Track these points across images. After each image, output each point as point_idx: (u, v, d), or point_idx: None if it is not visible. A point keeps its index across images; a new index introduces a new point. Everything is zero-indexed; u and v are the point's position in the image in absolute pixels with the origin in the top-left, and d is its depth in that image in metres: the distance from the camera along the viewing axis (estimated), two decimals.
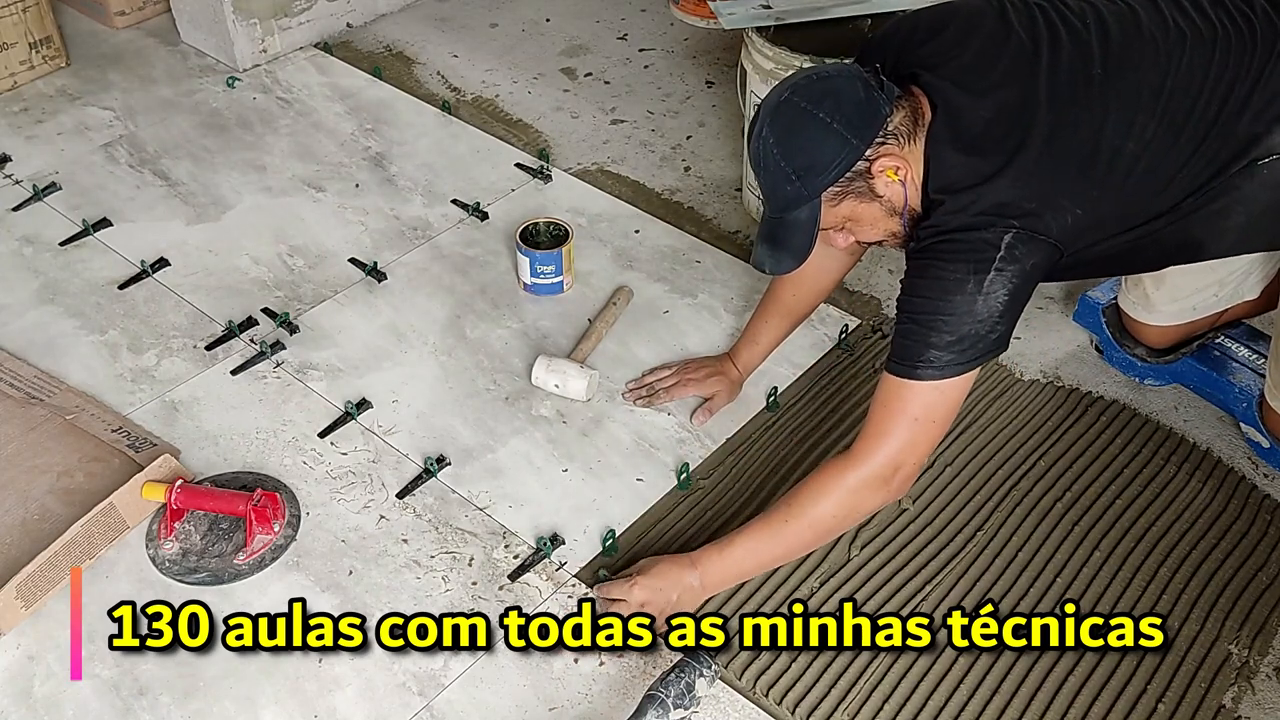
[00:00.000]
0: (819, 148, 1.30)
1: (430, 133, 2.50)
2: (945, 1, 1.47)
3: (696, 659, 1.40)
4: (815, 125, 1.30)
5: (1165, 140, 1.32)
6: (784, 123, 1.32)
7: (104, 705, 1.44)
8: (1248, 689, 1.47)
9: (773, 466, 1.75)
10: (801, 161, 1.31)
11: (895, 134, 1.32)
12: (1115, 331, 1.87)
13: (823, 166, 1.31)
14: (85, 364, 1.91)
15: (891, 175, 1.32)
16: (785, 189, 1.34)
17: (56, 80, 2.65)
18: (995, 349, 1.34)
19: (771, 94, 1.36)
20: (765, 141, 1.33)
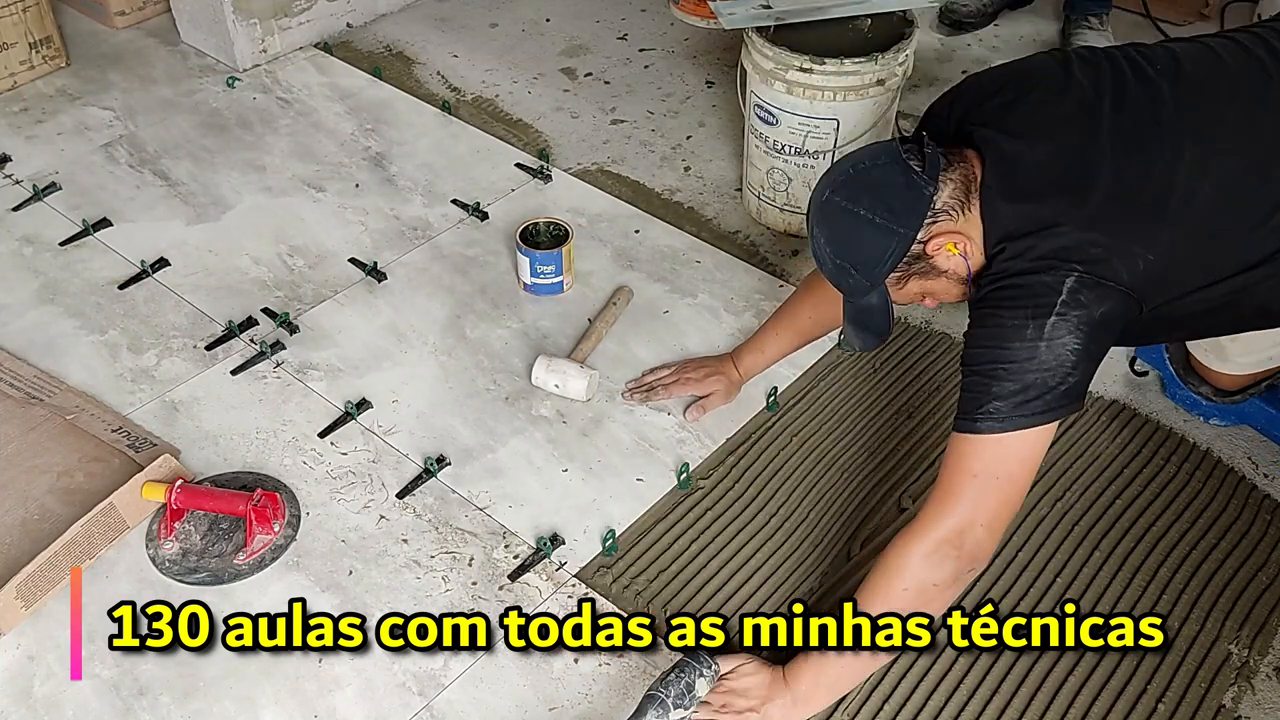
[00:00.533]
0: (867, 244, 1.30)
1: (430, 133, 2.50)
2: (1010, 61, 1.46)
3: (696, 659, 1.40)
4: (858, 222, 1.30)
5: (1250, 180, 1.25)
6: (829, 224, 1.33)
7: (104, 705, 1.44)
8: (1248, 689, 1.47)
9: (773, 466, 1.75)
10: (855, 258, 1.32)
11: (946, 210, 1.29)
12: (1180, 369, 1.80)
13: (876, 260, 1.30)
14: (85, 364, 1.91)
15: (951, 249, 1.29)
16: (849, 282, 1.34)
17: (56, 80, 2.65)
18: (1067, 403, 1.25)
19: (815, 192, 1.37)
20: (818, 241, 1.35)
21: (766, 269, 2.14)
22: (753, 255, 2.17)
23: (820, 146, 2.07)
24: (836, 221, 1.32)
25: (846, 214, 1.30)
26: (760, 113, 2.09)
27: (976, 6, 2.84)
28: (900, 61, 2.02)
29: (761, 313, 2.03)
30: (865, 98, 2.01)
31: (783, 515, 1.68)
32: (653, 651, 1.50)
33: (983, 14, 2.86)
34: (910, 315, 2.03)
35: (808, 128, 2.05)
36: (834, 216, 1.32)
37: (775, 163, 2.13)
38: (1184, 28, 2.85)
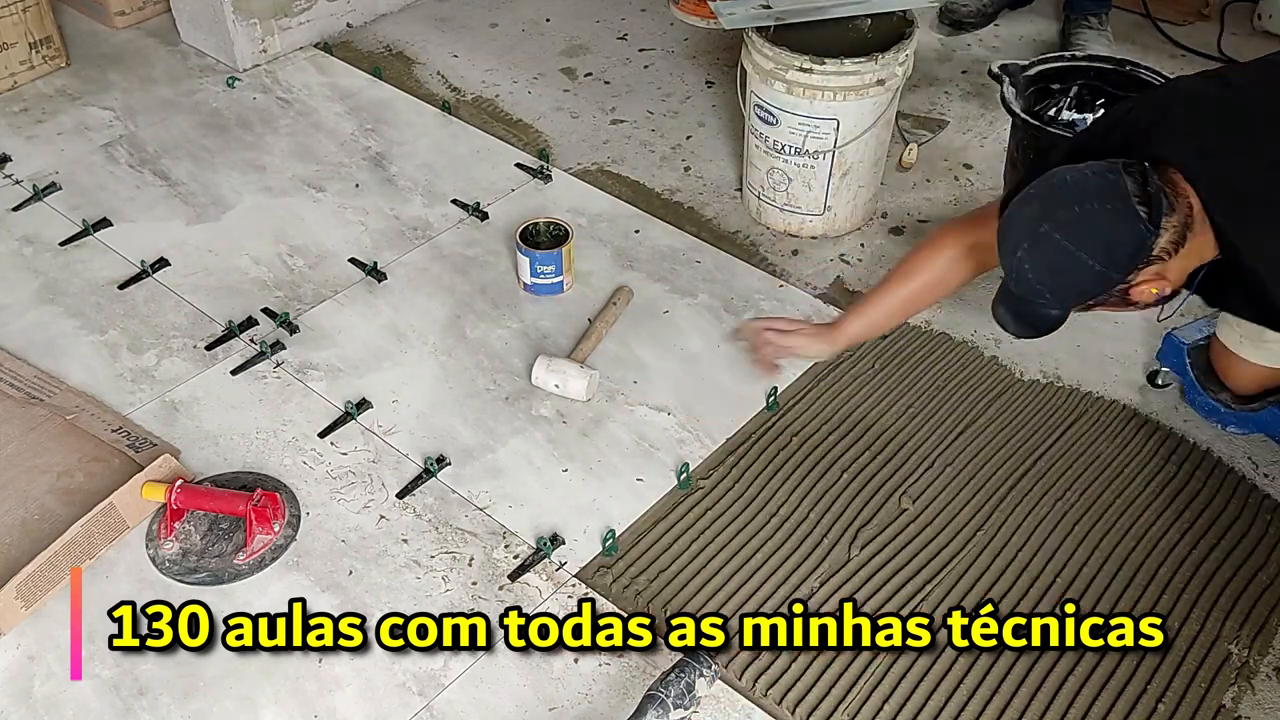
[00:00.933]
0: (1076, 282, 1.31)
1: (430, 133, 2.50)
2: (1159, 86, 1.48)
3: (696, 659, 1.40)
4: (1075, 264, 1.28)
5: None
6: (1043, 254, 1.30)
7: (104, 705, 1.44)
8: (1248, 689, 1.47)
9: (773, 466, 1.75)
10: (1059, 290, 1.33)
11: (1161, 254, 1.29)
12: (1200, 375, 1.80)
13: (1079, 295, 1.33)
14: (85, 364, 1.91)
15: (1152, 290, 1.31)
16: (1038, 302, 1.35)
17: (56, 80, 2.65)
18: None
19: (1028, 211, 1.33)
20: (1022, 265, 1.32)
21: (766, 269, 2.14)
22: (753, 255, 2.17)
23: (820, 146, 2.07)
24: (1052, 256, 1.30)
25: (1065, 253, 1.28)
26: (760, 113, 2.09)
27: (976, 6, 2.84)
28: (900, 61, 2.02)
29: (761, 312, 2.03)
30: (865, 98, 2.01)
31: (783, 515, 1.68)
32: (653, 651, 1.50)
33: (983, 14, 2.86)
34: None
35: (808, 128, 2.05)
36: (1050, 251, 1.30)
37: (775, 163, 2.13)
38: (1184, 28, 2.85)
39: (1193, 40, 2.80)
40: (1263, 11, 2.81)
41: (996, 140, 2.45)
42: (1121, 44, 2.74)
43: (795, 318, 1.92)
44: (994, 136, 2.48)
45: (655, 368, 1.93)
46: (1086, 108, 2.20)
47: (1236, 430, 1.79)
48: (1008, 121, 2.17)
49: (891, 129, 2.17)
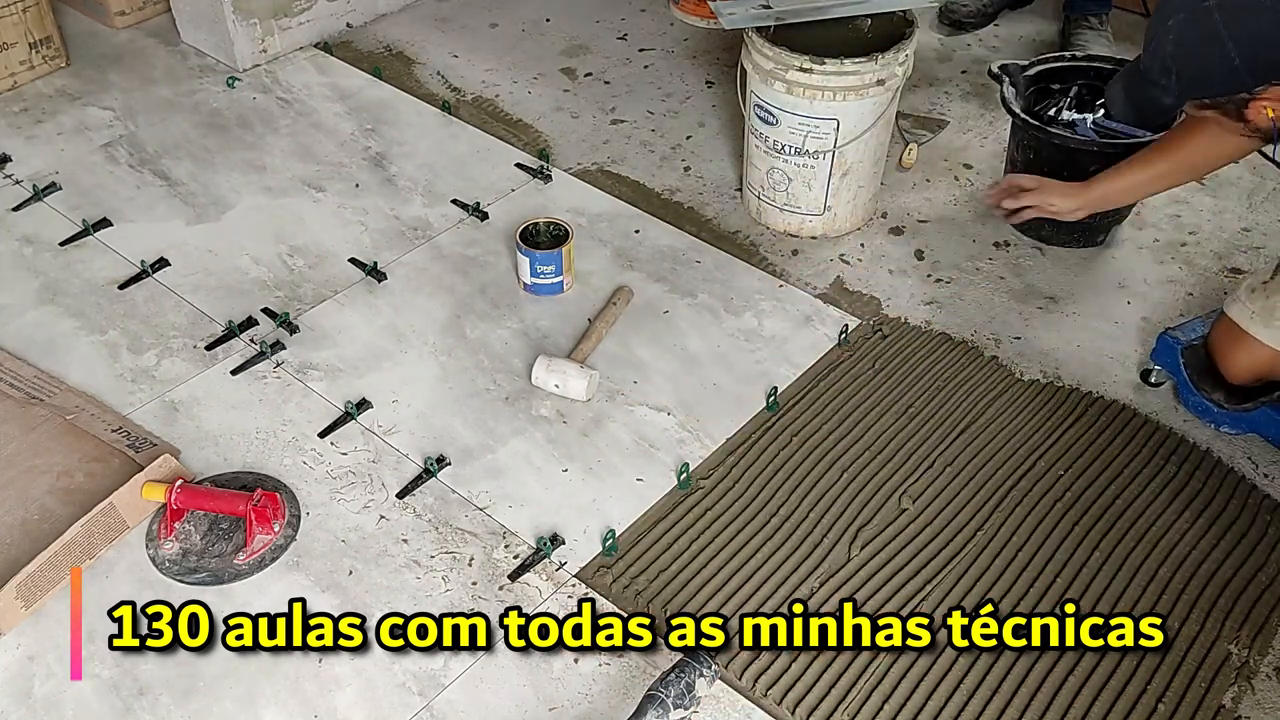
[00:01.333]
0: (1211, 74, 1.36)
1: (430, 133, 2.50)
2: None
3: (696, 659, 1.40)
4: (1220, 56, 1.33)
5: None
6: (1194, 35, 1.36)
7: (104, 705, 1.44)
8: (1248, 689, 1.47)
9: (773, 466, 1.75)
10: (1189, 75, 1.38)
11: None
12: (1194, 374, 1.80)
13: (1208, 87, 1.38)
14: (85, 364, 1.91)
15: (1269, 112, 1.37)
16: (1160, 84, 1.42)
17: (56, 80, 2.65)
18: None
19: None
20: (1166, 37, 1.38)
21: (766, 269, 2.14)
22: (753, 255, 2.18)
23: (820, 146, 2.07)
24: (1203, 34, 1.34)
25: (1215, 38, 1.33)
26: (760, 113, 2.09)
27: (976, 6, 2.84)
28: (900, 61, 2.02)
29: (761, 312, 2.03)
30: (865, 98, 2.01)
31: (783, 515, 1.68)
32: (653, 651, 1.50)
33: (983, 14, 2.86)
34: (910, 315, 2.03)
35: (808, 128, 2.05)
36: (1204, 28, 1.34)
37: (775, 163, 2.13)
38: None
39: None
40: None
41: (996, 140, 2.45)
42: (1121, 44, 2.74)
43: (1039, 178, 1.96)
44: (994, 136, 2.48)
45: (655, 368, 1.93)
46: (1086, 108, 2.20)
47: (1230, 430, 1.79)
48: (1008, 121, 2.17)
49: (891, 129, 2.17)
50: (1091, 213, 1.92)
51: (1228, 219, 2.25)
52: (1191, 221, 2.24)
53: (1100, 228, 2.17)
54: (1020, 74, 2.14)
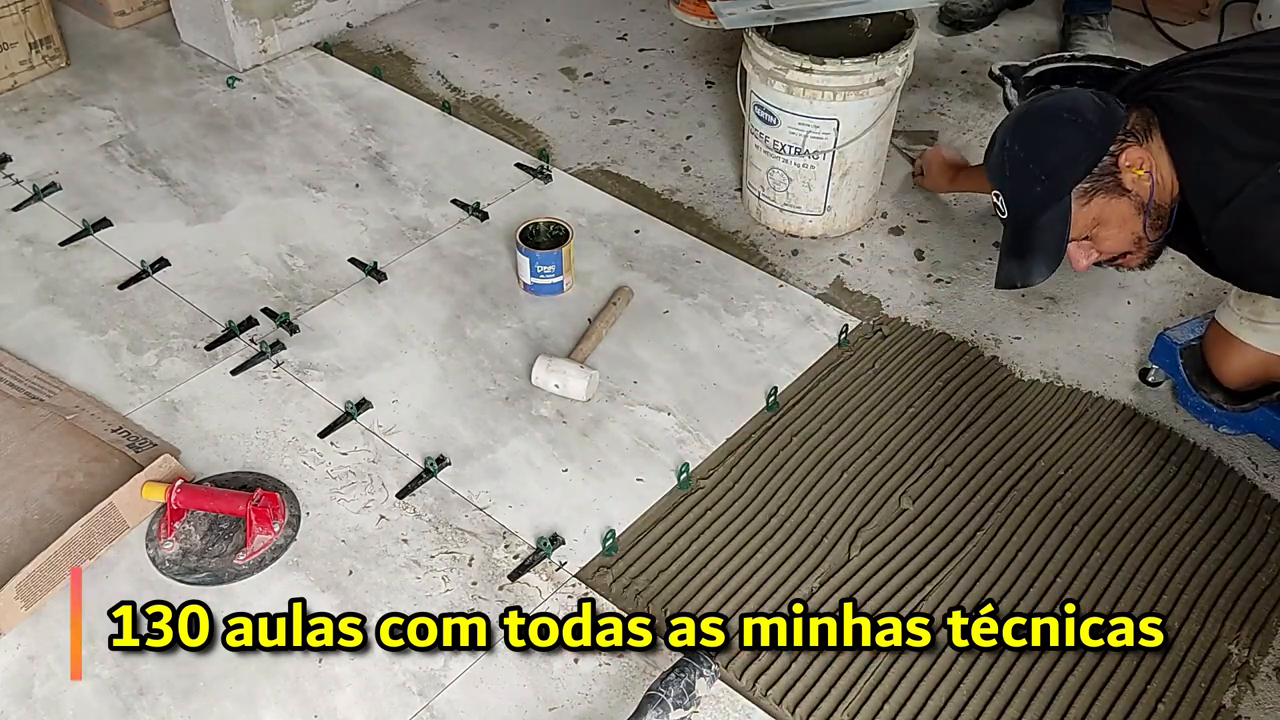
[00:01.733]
0: (1065, 143, 1.42)
1: (430, 133, 2.50)
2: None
3: (696, 659, 1.40)
4: (1059, 124, 1.44)
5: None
6: (1026, 130, 1.47)
7: (104, 705, 1.44)
8: (1248, 689, 1.47)
9: (773, 466, 1.75)
10: (1050, 158, 1.43)
11: (1133, 132, 1.45)
12: (1193, 375, 1.80)
13: (1070, 160, 1.43)
14: (85, 364, 1.91)
15: (1138, 171, 1.43)
16: (1035, 190, 1.45)
17: (56, 80, 2.65)
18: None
19: (1007, 119, 1.55)
20: (1009, 150, 1.47)
21: (766, 269, 2.14)
22: (753, 255, 2.17)
23: (820, 146, 2.07)
24: (1036, 125, 1.46)
25: (1047, 118, 1.45)
26: (760, 113, 2.09)
27: (976, 6, 2.84)
28: (900, 61, 2.02)
29: (761, 312, 2.03)
30: (865, 98, 2.01)
31: (783, 515, 1.68)
32: (653, 651, 1.50)
33: (983, 14, 2.86)
34: (910, 315, 2.03)
35: (808, 128, 2.05)
36: (1032, 122, 1.47)
37: (775, 163, 2.13)
38: (1184, 28, 2.85)
39: (1193, 40, 2.79)
40: (1263, 11, 2.81)
41: None
42: (1121, 44, 2.74)
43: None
44: None
45: (655, 368, 1.93)
46: None
47: (1229, 430, 1.79)
48: None
49: (891, 129, 2.17)
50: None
51: None
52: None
53: None
54: (1020, 75, 2.14)
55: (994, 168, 1.53)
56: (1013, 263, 1.53)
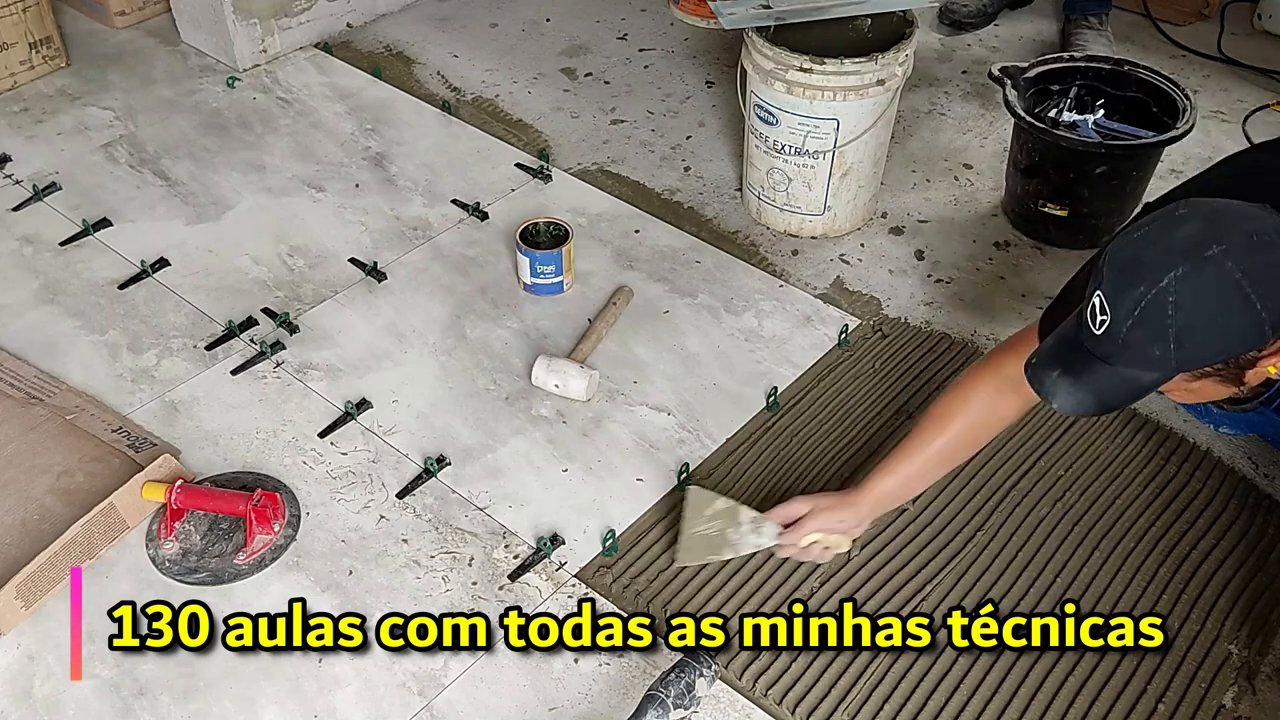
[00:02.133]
0: (1225, 334, 1.03)
1: (430, 133, 2.50)
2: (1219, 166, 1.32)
3: (696, 659, 1.40)
4: (1243, 308, 1.01)
5: None
6: (1208, 290, 1.02)
7: (104, 705, 1.44)
8: (1248, 689, 1.47)
9: (773, 466, 1.75)
10: (1198, 339, 1.03)
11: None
12: None
13: (1215, 352, 1.05)
14: (85, 364, 1.91)
15: (1271, 370, 1.07)
16: (1152, 352, 1.05)
17: (56, 80, 2.65)
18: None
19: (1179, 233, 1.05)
20: (1163, 299, 1.02)
21: (766, 269, 2.14)
22: (753, 255, 2.18)
23: (820, 146, 2.07)
24: (1221, 288, 1.01)
25: (1236, 290, 1.01)
26: (760, 113, 2.09)
27: (976, 6, 2.84)
28: (900, 61, 2.02)
29: (761, 312, 2.03)
30: (865, 98, 2.01)
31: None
32: (653, 651, 1.50)
33: (983, 14, 2.86)
34: (910, 315, 2.03)
35: (808, 128, 2.05)
36: (1221, 282, 1.01)
37: (775, 163, 2.13)
38: (1184, 28, 2.85)
39: (1193, 40, 2.80)
40: (1263, 11, 2.81)
41: (997, 140, 2.45)
42: (1121, 44, 2.74)
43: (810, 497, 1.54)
44: (994, 136, 2.48)
45: (655, 368, 1.93)
46: (1086, 108, 2.20)
47: (1229, 431, 1.79)
48: (1008, 122, 2.17)
49: (891, 129, 2.17)
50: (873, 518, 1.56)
51: None
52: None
53: (1103, 228, 2.17)
54: (1020, 76, 2.14)
55: (1123, 295, 1.06)
56: (1066, 380, 1.14)
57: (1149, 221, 1.10)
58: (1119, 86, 2.17)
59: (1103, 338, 1.08)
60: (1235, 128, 2.50)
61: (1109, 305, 1.07)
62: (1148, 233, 1.08)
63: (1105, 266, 1.09)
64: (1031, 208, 2.16)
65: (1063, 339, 1.16)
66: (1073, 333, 1.13)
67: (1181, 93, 2.10)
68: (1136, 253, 1.07)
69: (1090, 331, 1.09)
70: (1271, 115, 2.54)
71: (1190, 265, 1.02)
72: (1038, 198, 2.13)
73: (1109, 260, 1.09)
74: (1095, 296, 1.09)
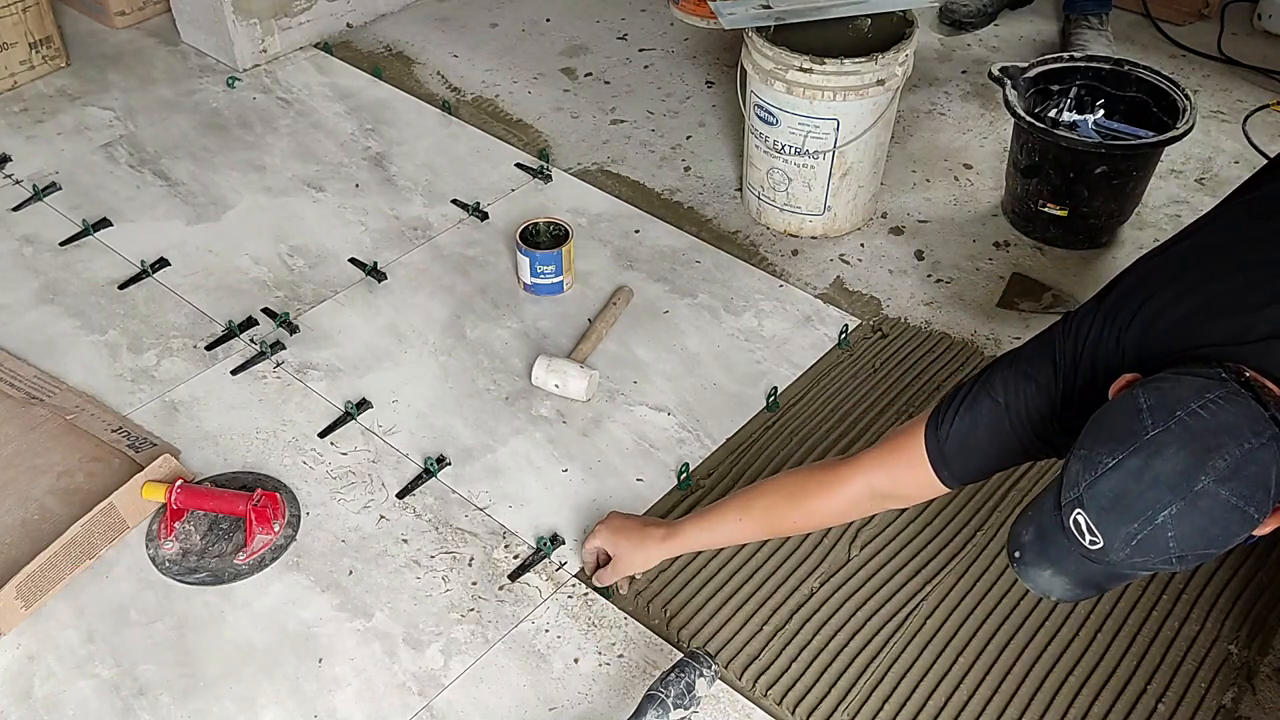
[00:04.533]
0: (1228, 536, 1.02)
1: (430, 133, 2.50)
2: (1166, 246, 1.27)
3: (696, 659, 1.40)
4: (1236, 517, 1.00)
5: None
6: (1201, 520, 1.00)
7: (104, 705, 1.44)
8: (1248, 689, 1.47)
9: (772, 466, 1.75)
10: (1199, 550, 1.02)
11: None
12: None
13: (1215, 552, 1.03)
14: (85, 364, 1.91)
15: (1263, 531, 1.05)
16: (1152, 564, 1.03)
17: (56, 80, 2.65)
18: None
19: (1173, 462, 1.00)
20: (1161, 530, 1.00)
21: (766, 269, 2.14)
22: (753, 255, 2.18)
23: (820, 146, 2.07)
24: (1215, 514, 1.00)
25: (1229, 510, 0.99)
26: (760, 113, 2.09)
27: (976, 6, 2.84)
28: (900, 61, 2.02)
29: (761, 312, 2.03)
30: (865, 98, 2.01)
31: None
32: (653, 651, 1.49)
33: (983, 14, 2.86)
34: (910, 315, 2.03)
35: (808, 128, 2.05)
36: (1213, 509, 0.99)
37: (775, 163, 2.13)
38: (1184, 28, 2.85)
39: (1192, 40, 2.80)
40: (1262, 11, 2.81)
41: (996, 140, 2.45)
42: (1121, 44, 2.74)
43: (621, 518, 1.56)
44: (994, 136, 2.48)
45: (655, 368, 1.93)
46: (1086, 108, 2.20)
47: None
48: (1008, 121, 2.17)
49: (891, 129, 2.17)
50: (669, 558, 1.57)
51: None
52: (1192, 221, 2.24)
53: (1103, 228, 2.17)
54: (1021, 76, 2.14)
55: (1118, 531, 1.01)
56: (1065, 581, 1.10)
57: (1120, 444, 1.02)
58: (1119, 86, 2.17)
59: (1097, 554, 1.03)
60: (1235, 128, 2.50)
61: (1099, 533, 1.02)
62: (1126, 464, 1.01)
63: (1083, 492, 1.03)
64: (1031, 208, 2.16)
65: (1046, 537, 1.09)
66: (1057, 535, 1.06)
67: (1181, 93, 2.10)
68: (1120, 488, 1.01)
69: (1080, 544, 1.04)
70: (1271, 115, 2.54)
71: (1183, 501, 0.99)
72: (1038, 198, 2.13)
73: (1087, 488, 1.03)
74: (1078, 515, 1.03)
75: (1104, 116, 2.19)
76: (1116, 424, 1.04)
